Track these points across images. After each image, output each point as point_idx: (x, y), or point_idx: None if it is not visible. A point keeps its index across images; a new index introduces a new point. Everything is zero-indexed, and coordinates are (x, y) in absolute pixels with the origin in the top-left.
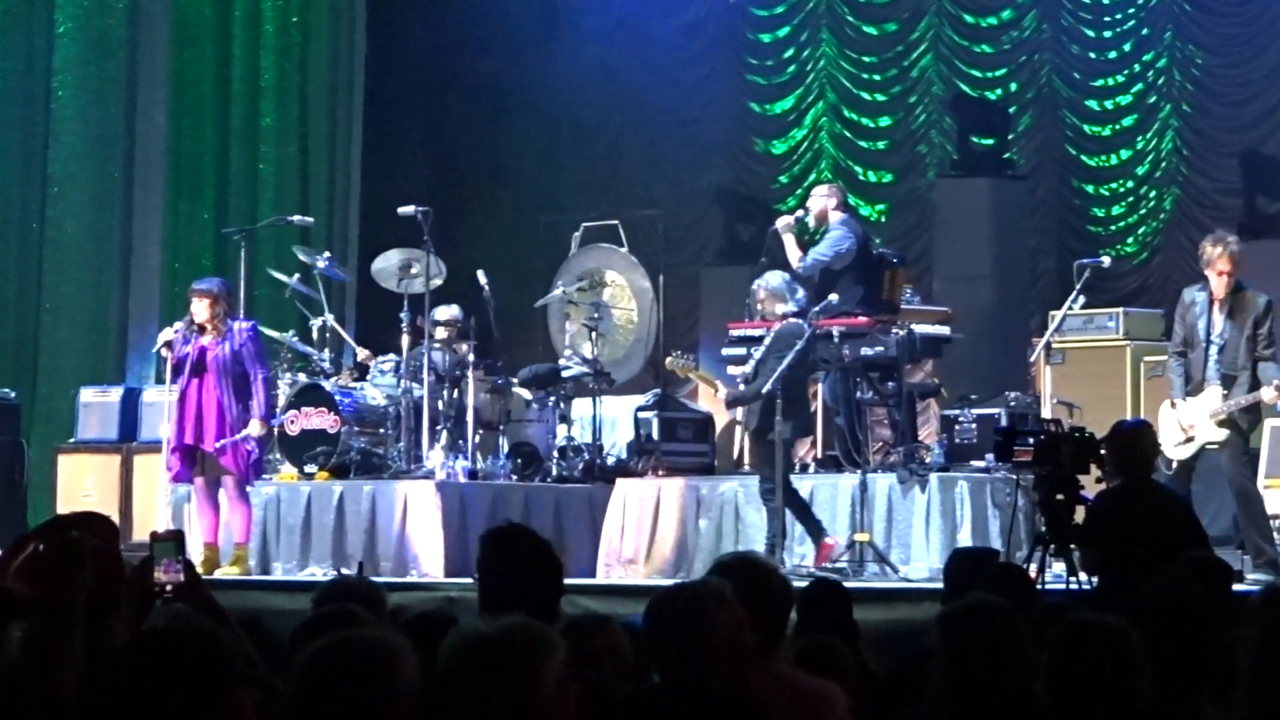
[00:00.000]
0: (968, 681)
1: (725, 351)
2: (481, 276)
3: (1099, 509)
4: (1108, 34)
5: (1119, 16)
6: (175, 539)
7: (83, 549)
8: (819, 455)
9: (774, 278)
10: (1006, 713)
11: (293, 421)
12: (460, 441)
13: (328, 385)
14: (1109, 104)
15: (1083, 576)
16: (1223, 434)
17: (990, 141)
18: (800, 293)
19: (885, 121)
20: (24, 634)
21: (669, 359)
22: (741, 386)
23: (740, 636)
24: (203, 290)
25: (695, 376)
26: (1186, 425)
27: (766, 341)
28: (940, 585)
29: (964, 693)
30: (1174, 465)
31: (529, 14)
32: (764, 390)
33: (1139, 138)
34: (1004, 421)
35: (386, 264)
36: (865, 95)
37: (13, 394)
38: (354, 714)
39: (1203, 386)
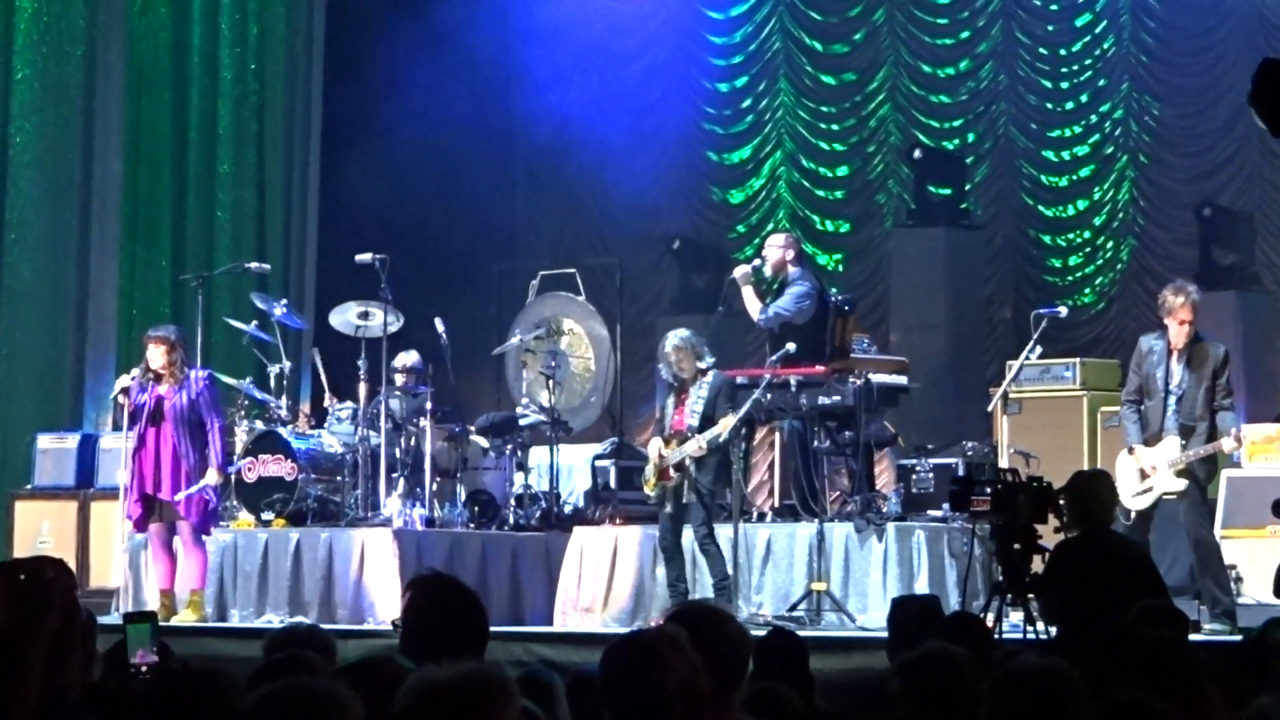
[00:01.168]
0: None
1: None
2: (439, 324)
3: (1058, 558)
4: (1065, 85)
5: (1076, 68)
6: (149, 620)
7: (52, 589)
8: (776, 504)
9: (682, 334)
10: None
11: (250, 468)
12: (417, 489)
13: (285, 432)
14: (1066, 154)
15: (1040, 625)
16: (1181, 484)
17: (947, 191)
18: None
19: (843, 171)
20: None
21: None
22: (697, 437)
23: (696, 684)
24: (159, 337)
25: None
26: (1147, 469)
27: (705, 395)
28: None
29: None
30: (1131, 515)
31: (486, 63)
32: (708, 442)
33: (1096, 188)
34: (961, 471)
35: (344, 313)
36: (823, 145)
37: None
38: None
39: (1160, 436)
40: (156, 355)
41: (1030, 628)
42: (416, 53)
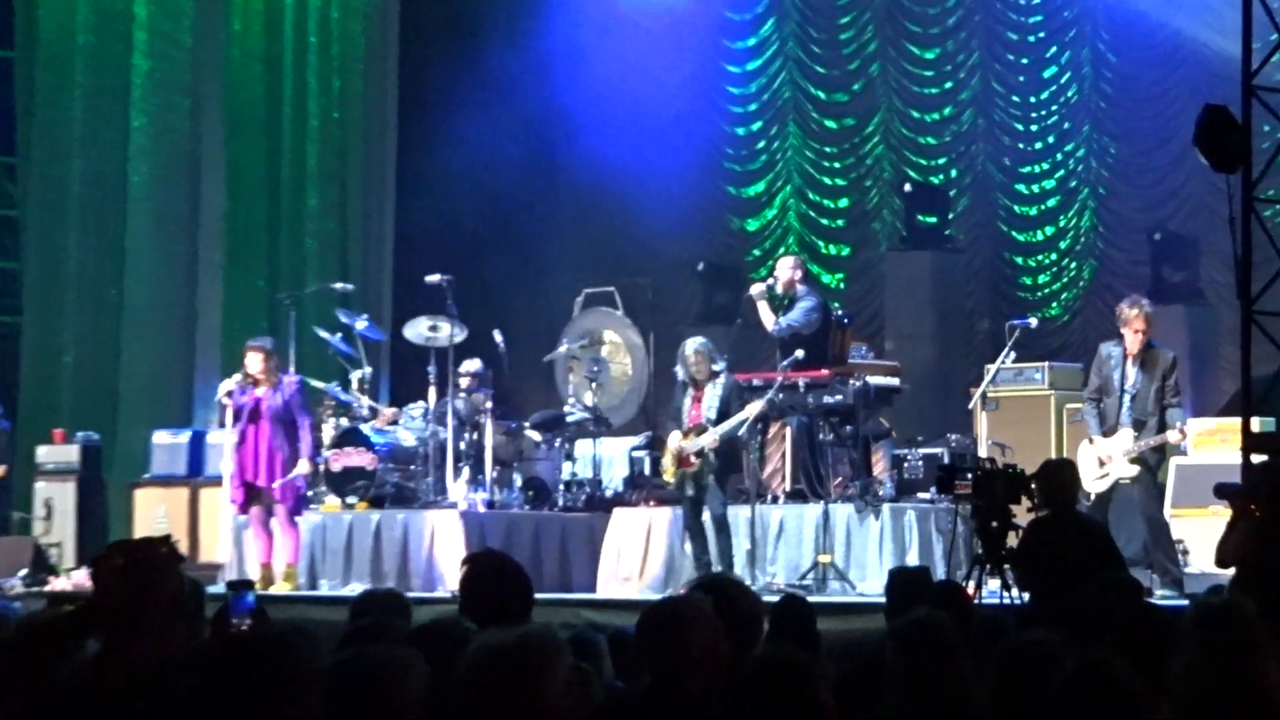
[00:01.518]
0: (917, 686)
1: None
2: (497, 335)
3: (1030, 534)
4: (1034, 127)
5: (1044, 113)
6: (249, 586)
7: (166, 563)
8: (787, 488)
9: (700, 342)
10: (950, 714)
11: (336, 459)
12: (479, 477)
13: (365, 428)
14: (1035, 187)
15: (1015, 592)
16: (1134, 470)
17: (933, 220)
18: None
19: (843, 202)
20: (101, 643)
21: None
22: (713, 429)
23: (718, 645)
24: (257, 346)
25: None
26: (1105, 457)
27: (720, 394)
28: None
29: (914, 696)
30: (1092, 497)
31: (535, 109)
32: (727, 435)
33: (1061, 216)
34: (946, 460)
35: (416, 326)
36: (826, 180)
37: (96, 436)
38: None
39: (1117, 429)
40: (255, 362)
41: (1006, 594)
42: (475, 101)
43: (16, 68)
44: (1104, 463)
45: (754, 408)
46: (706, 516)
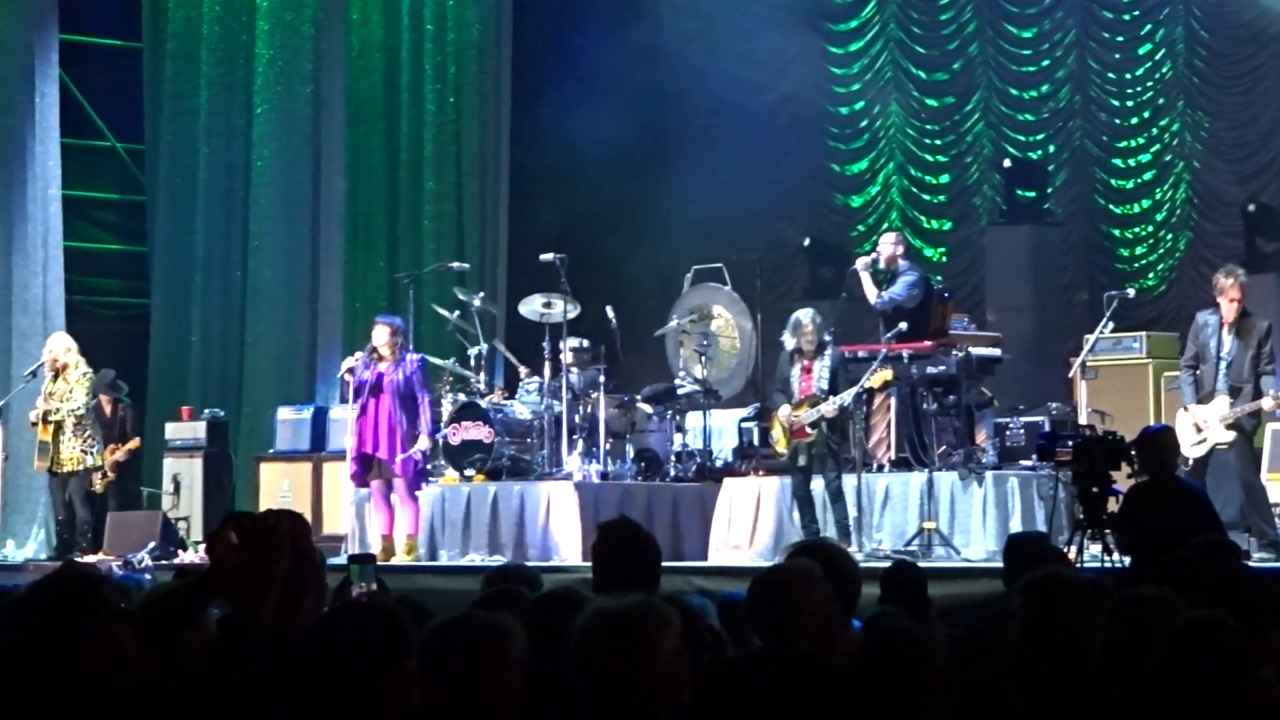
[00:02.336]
0: (1041, 638)
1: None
2: (609, 311)
3: (1130, 500)
4: (1130, 103)
5: (1139, 89)
6: (369, 560)
7: (281, 534)
8: (893, 458)
9: (811, 313)
10: (1071, 668)
11: (454, 433)
12: (593, 449)
13: (483, 403)
14: (1131, 162)
15: (1115, 556)
16: (1230, 435)
17: (1032, 194)
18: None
19: (944, 179)
20: (222, 613)
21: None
22: (832, 398)
23: (827, 609)
24: (386, 322)
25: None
26: (1201, 424)
27: (829, 365)
28: (995, 564)
29: (1037, 648)
30: (1190, 463)
31: (645, 93)
32: (846, 405)
33: (1157, 190)
34: (1046, 428)
35: (530, 303)
36: (927, 157)
37: (222, 413)
38: (466, 683)
39: (1213, 396)
40: (381, 335)
41: (1107, 558)
42: (585, 84)
43: (145, 59)
44: (1200, 429)
45: (880, 376)
46: (817, 486)
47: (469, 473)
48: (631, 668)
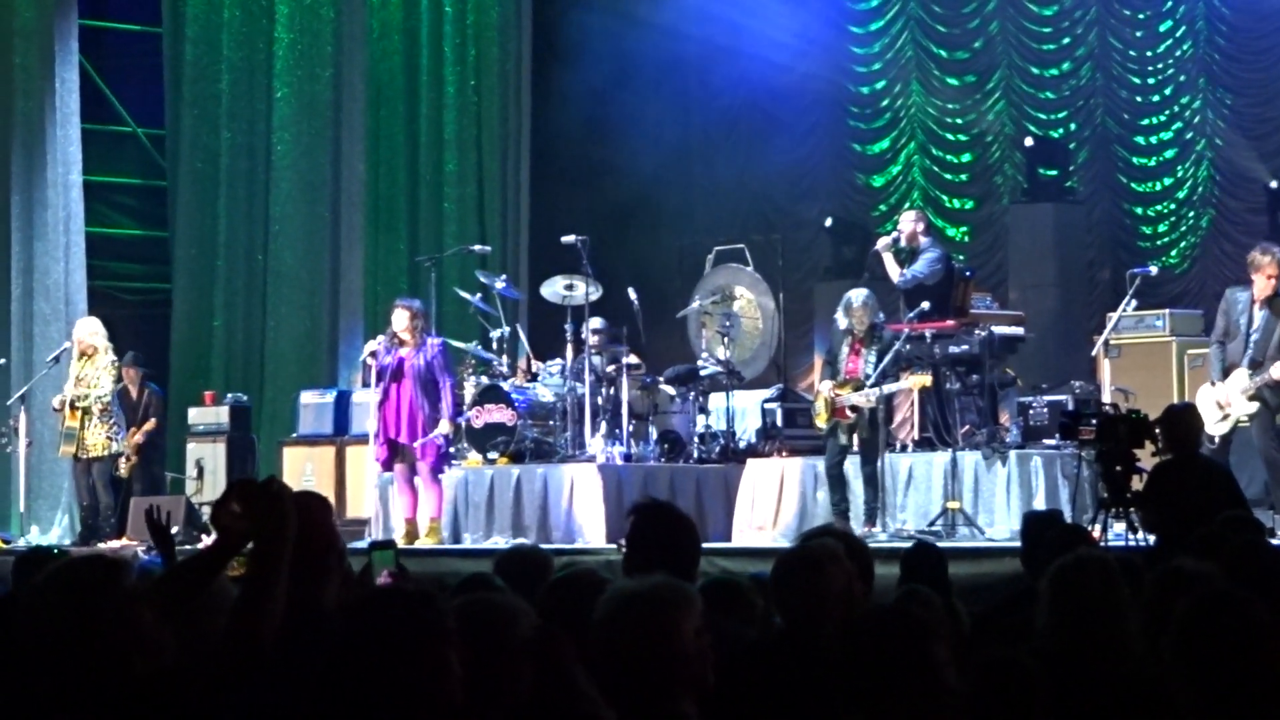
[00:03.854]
0: (1071, 621)
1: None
2: (632, 293)
3: (1155, 478)
4: (1151, 81)
5: (1160, 66)
6: (390, 547)
7: (287, 498)
8: (916, 437)
9: (865, 293)
10: (1102, 649)
11: (477, 416)
12: (616, 430)
13: (505, 386)
14: (1153, 139)
15: (1140, 534)
16: (1253, 407)
17: (1054, 173)
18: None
19: (966, 157)
20: (241, 585)
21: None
22: (867, 390)
23: (852, 589)
24: (405, 305)
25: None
26: (1224, 402)
27: (879, 350)
28: (1018, 544)
29: (1068, 632)
30: (1215, 440)
31: (665, 75)
32: (867, 407)
33: (1179, 167)
34: (1070, 406)
35: (552, 285)
36: (949, 136)
37: (245, 397)
38: (475, 665)
39: (1235, 369)
40: (401, 319)
41: (1131, 536)
42: (606, 65)
43: (165, 44)
44: (1223, 406)
45: (918, 380)
46: (849, 466)
47: (492, 455)
48: (653, 649)
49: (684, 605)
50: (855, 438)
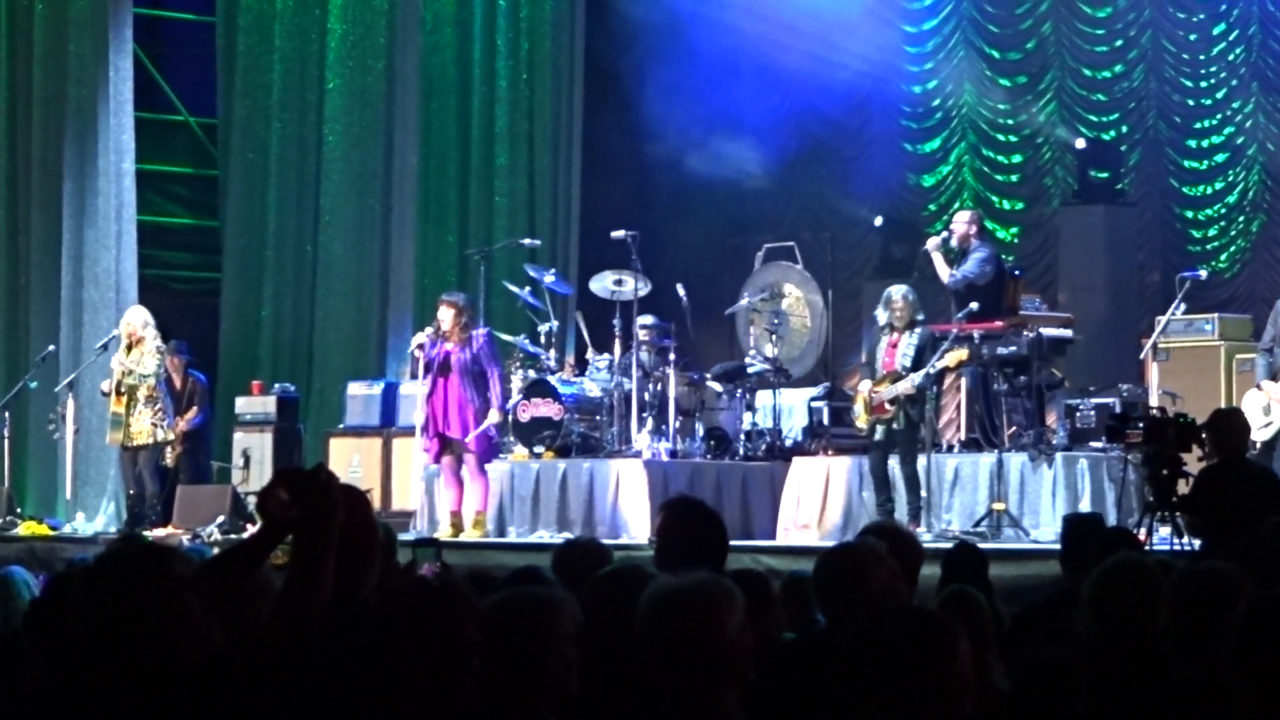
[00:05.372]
0: (1113, 625)
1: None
2: (680, 289)
3: (1201, 482)
4: (1203, 84)
5: (1213, 70)
6: (433, 544)
7: (334, 487)
8: (962, 438)
9: (906, 288)
10: (1144, 653)
11: (524, 410)
12: (663, 426)
13: (553, 380)
14: (1204, 143)
15: (1186, 538)
16: None
17: (1105, 175)
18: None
19: (1017, 158)
20: (287, 574)
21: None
22: (911, 376)
23: (895, 588)
24: (450, 301)
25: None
26: (1269, 407)
27: (915, 343)
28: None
29: (1109, 635)
30: (1258, 445)
31: (718, 70)
32: (920, 384)
33: (1230, 171)
34: (1117, 409)
35: (601, 280)
36: (1000, 137)
37: (292, 388)
38: (519, 657)
39: None
40: (447, 316)
41: (1177, 540)
42: (658, 59)
43: (218, 33)
44: (1269, 411)
45: (955, 355)
46: (894, 464)
47: (538, 449)
48: (696, 644)
49: (727, 600)
50: (891, 432)
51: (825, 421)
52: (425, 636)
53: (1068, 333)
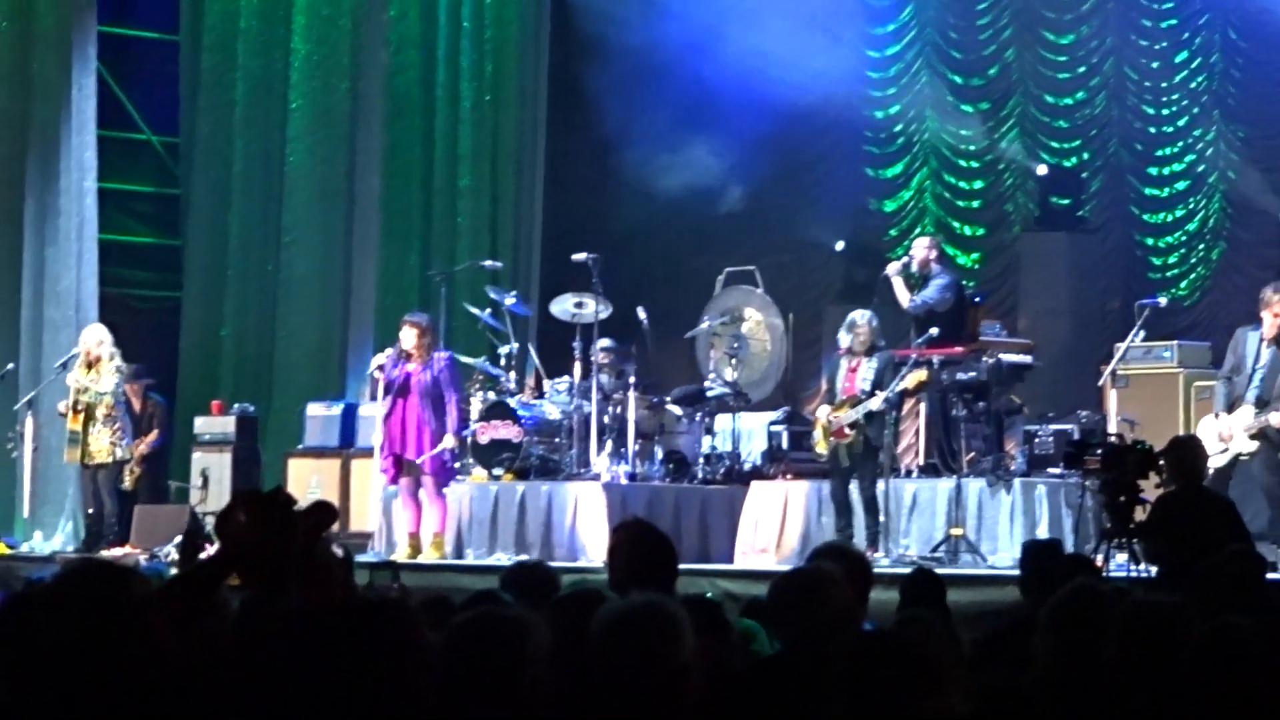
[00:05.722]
0: (1070, 652)
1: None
2: (641, 312)
3: (1159, 509)
4: (1165, 111)
5: (1175, 97)
6: (390, 567)
7: (293, 510)
8: (921, 463)
9: (869, 314)
10: (1098, 677)
11: (483, 432)
12: (622, 450)
13: (512, 402)
14: (1166, 170)
15: (1143, 565)
16: (1254, 445)
17: (1067, 201)
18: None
19: (979, 184)
20: (244, 596)
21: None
22: (879, 393)
23: (850, 612)
24: (414, 322)
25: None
26: (1225, 436)
27: (876, 368)
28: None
29: (1066, 663)
30: (1211, 471)
31: (684, 95)
32: (878, 409)
33: (1191, 199)
34: (1076, 435)
35: (562, 303)
36: (962, 162)
37: (252, 408)
38: (487, 679)
39: (1239, 404)
40: (409, 337)
41: (1134, 567)
42: (622, 83)
43: (182, 52)
44: (1224, 439)
45: (915, 376)
46: (854, 488)
47: (497, 472)
48: (650, 667)
49: (681, 624)
50: (851, 456)
51: (784, 446)
52: (383, 657)
53: (1027, 359)
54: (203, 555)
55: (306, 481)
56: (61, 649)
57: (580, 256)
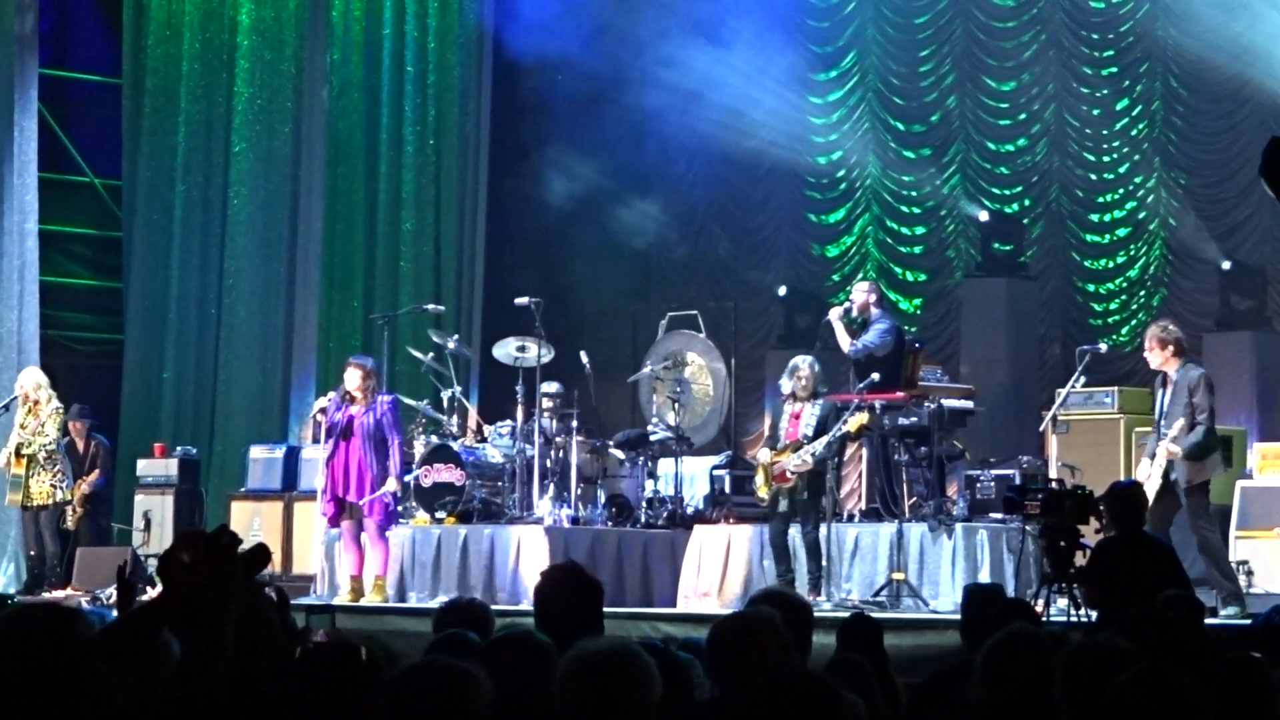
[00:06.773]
0: (1005, 697)
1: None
2: (583, 356)
3: (1098, 554)
4: (1106, 159)
5: (1116, 144)
6: (328, 611)
7: (235, 553)
8: (863, 507)
9: (812, 360)
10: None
11: (426, 475)
12: (564, 493)
13: (455, 445)
14: (1107, 217)
15: (1082, 610)
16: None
17: (1008, 248)
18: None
19: (920, 230)
20: (183, 645)
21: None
22: (812, 448)
23: (789, 657)
24: (358, 364)
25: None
26: (1144, 479)
27: (818, 414)
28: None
29: (1002, 707)
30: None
31: (625, 141)
32: (820, 453)
33: (1131, 246)
34: (1016, 480)
35: (505, 347)
36: (904, 208)
37: (194, 450)
38: None
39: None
40: (354, 378)
41: (1074, 612)
42: (565, 129)
43: (124, 95)
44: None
45: (857, 420)
46: (794, 533)
47: (440, 515)
48: (621, 712)
49: (650, 669)
50: (794, 501)
51: (727, 490)
52: (325, 704)
53: (969, 404)
54: (142, 598)
55: (249, 524)
56: (5, 691)
57: (523, 300)
